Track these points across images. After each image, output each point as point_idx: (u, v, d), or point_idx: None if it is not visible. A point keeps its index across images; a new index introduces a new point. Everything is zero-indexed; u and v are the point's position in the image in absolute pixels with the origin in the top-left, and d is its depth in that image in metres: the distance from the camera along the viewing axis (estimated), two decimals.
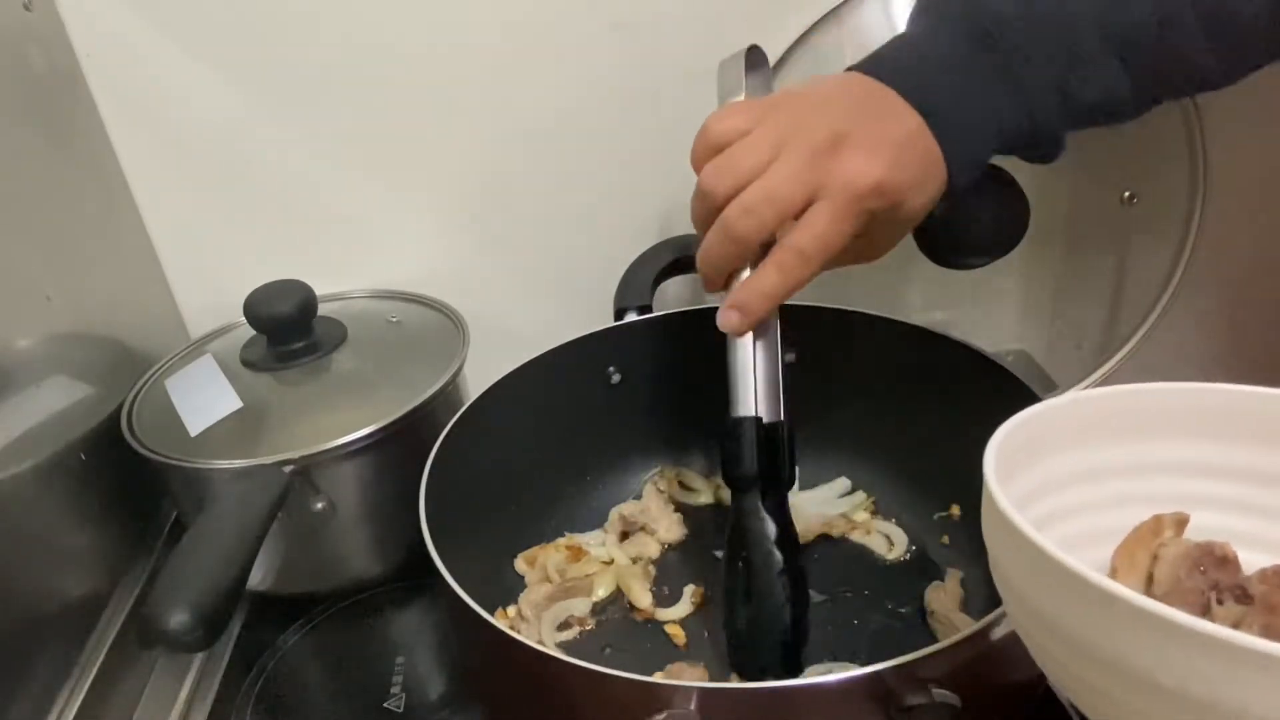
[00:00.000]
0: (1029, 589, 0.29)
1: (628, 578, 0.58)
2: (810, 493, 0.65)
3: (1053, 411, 0.35)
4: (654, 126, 0.72)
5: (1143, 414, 0.36)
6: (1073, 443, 0.35)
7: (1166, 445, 0.36)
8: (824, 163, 0.42)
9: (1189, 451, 0.36)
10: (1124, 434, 0.36)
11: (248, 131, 0.69)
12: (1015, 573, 0.30)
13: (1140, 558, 0.33)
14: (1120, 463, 0.36)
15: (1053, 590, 0.27)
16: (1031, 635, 0.31)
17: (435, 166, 0.72)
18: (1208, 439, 0.35)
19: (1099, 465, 0.36)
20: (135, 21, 0.65)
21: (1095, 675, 0.27)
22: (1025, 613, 0.30)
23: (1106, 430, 0.36)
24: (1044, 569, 0.27)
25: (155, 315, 0.73)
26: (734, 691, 0.38)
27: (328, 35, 0.67)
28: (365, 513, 0.60)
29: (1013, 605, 0.31)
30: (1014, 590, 0.30)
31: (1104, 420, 0.36)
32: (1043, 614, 0.28)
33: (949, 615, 0.53)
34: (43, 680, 0.51)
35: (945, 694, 0.37)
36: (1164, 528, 0.34)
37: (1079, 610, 0.26)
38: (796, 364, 0.64)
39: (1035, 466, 0.34)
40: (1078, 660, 0.28)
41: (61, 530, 0.56)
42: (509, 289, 0.77)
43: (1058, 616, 0.27)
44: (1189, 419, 0.35)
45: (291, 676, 0.59)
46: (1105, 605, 0.25)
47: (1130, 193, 0.72)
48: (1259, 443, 0.35)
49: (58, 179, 0.61)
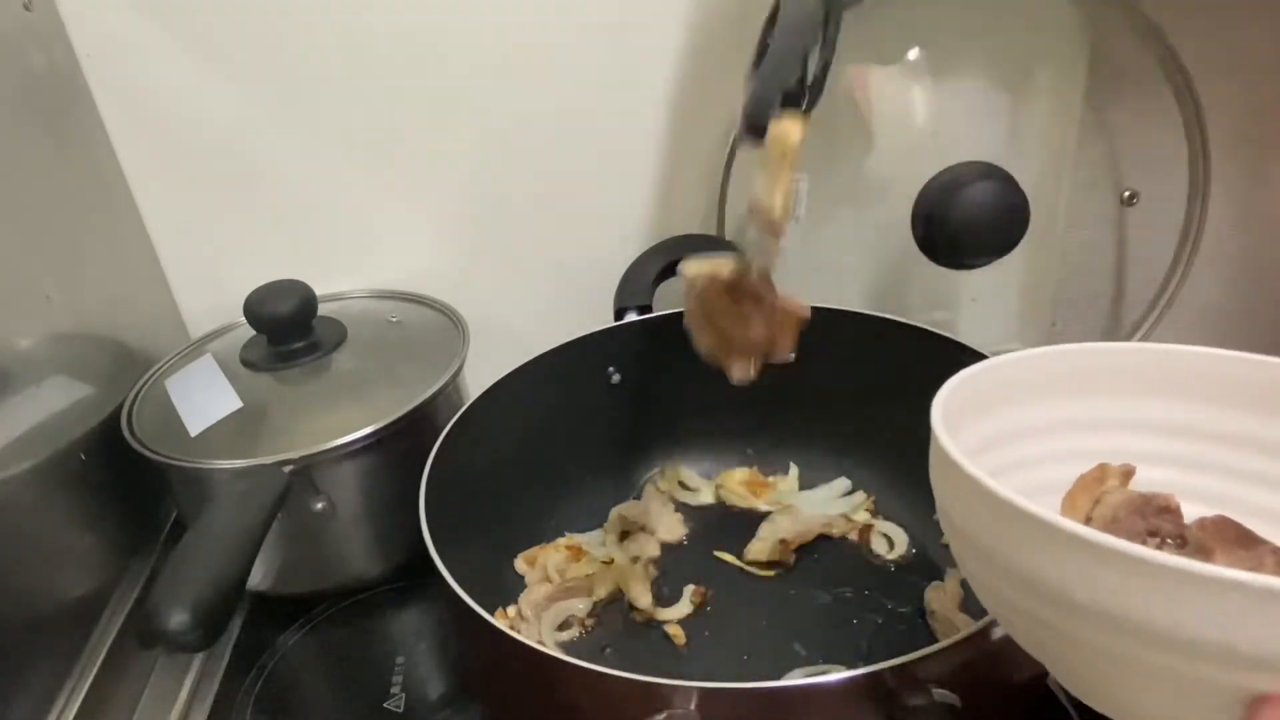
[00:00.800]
0: (970, 524, 0.29)
1: (628, 578, 0.58)
2: (810, 493, 0.65)
3: (1003, 367, 0.36)
4: (654, 127, 0.72)
5: (1093, 372, 0.36)
6: (1023, 398, 0.36)
7: (1117, 402, 0.36)
8: None
9: (1139, 409, 0.36)
10: (1075, 391, 0.36)
11: (248, 131, 0.69)
12: (957, 509, 0.30)
13: (1082, 503, 0.33)
14: (1071, 418, 0.36)
15: (987, 520, 0.28)
16: (973, 572, 0.31)
17: (435, 167, 0.72)
18: (1158, 397, 0.36)
19: (1050, 420, 0.36)
20: (135, 21, 0.65)
21: (1024, 600, 0.28)
22: (967, 548, 0.31)
23: (1057, 386, 0.36)
24: (981, 500, 0.27)
25: (155, 315, 0.73)
26: (734, 691, 0.38)
27: (328, 35, 0.67)
28: (365, 513, 0.60)
29: (956, 543, 0.32)
30: (956, 527, 0.31)
31: (1055, 377, 0.36)
32: (979, 544, 0.29)
33: (949, 615, 0.53)
34: (43, 680, 0.51)
35: (945, 694, 0.37)
36: (1109, 476, 0.34)
37: (1005, 534, 0.27)
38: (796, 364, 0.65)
39: (986, 420, 0.35)
40: (1009, 586, 0.28)
41: (61, 530, 0.56)
42: (509, 289, 0.77)
43: (993, 545, 0.28)
44: (1140, 378, 0.36)
45: (291, 676, 0.59)
46: (1025, 527, 0.26)
47: (1130, 193, 0.72)
48: (1208, 402, 0.35)
49: (58, 179, 0.61)
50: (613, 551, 0.61)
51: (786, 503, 0.64)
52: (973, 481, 0.27)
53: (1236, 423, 0.35)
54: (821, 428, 0.65)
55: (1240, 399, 0.35)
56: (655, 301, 0.66)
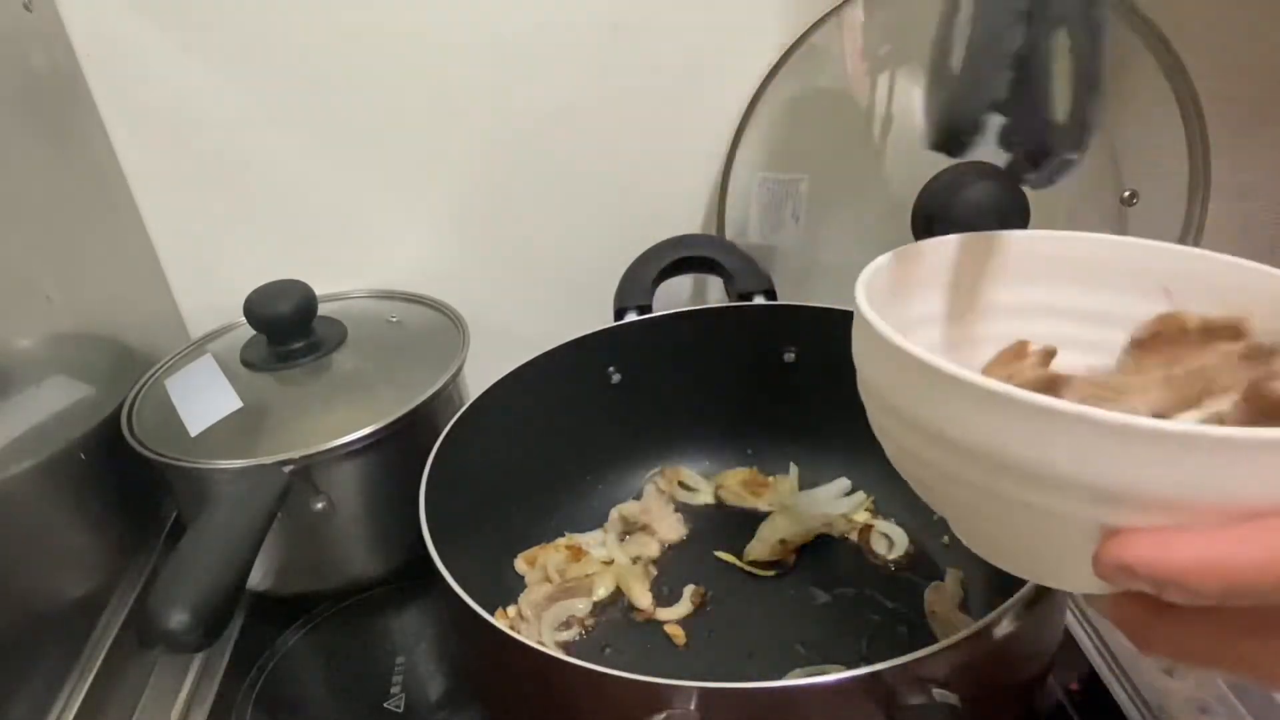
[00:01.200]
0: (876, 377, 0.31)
1: (628, 578, 0.58)
2: (810, 493, 0.65)
3: (928, 249, 0.36)
4: (654, 126, 0.72)
5: (1019, 258, 0.37)
6: (949, 282, 0.37)
7: (1033, 289, 0.37)
8: None
9: (1056, 295, 0.36)
10: (1001, 277, 0.37)
11: (248, 131, 0.69)
12: (867, 365, 0.31)
13: (996, 375, 0.33)
14: (996, 303, 0.37)
15: (887, 369, 0.29)
16: (882, 426, 0.32)
17: (436, 166, 0.72)
18: (1073, 284, 0.36)
19: (976, 305, 0.37)
20: (135, 21, 0.65)
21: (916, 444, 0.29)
22: (875, 402, 0.32)
23: (986, 271, 0.37)
24: (888, 354, 0.28)
25: (155, 315, 0.73)
26: (734, 691, 0.38)
27: (328, 35, 0.67)
28: (365, 513, 0.60)
29: (869, 402, 0.33)
30: (869, 386, 0.32)
31: (983, 261, 0.37)
32: (880, 393, 0.30)
33: (949, 615, 0.53)
34: (43, 680, 0.51)
35: (945, 694, 0.37)
36: (1028, 353, 0.34)
37: (899, 381, 0.29)
38: (796, 364, 0.65)
39: (909, 302, 0.36)
40: (904, 431, 0.30)
41: (61, 530, 0.56)
42: (509, 289, 0.77)
43: (891, 394, 0.30)
44: (1064, 265, 0.36)
45: (291, 676, 0.59)
46: (912, 370, 0.27)
47: (1130, 193, 0.72)
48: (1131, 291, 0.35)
49: (58, 179, 0.61)
50: (613, 551, 0.61)
51: (786, 503, 0.64)
52: (877, 335, 0.29)
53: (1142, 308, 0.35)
54: (821, 428, 0.65)
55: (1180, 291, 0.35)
56: (655, 301, 0.66)
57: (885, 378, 0.30)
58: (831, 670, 0.42)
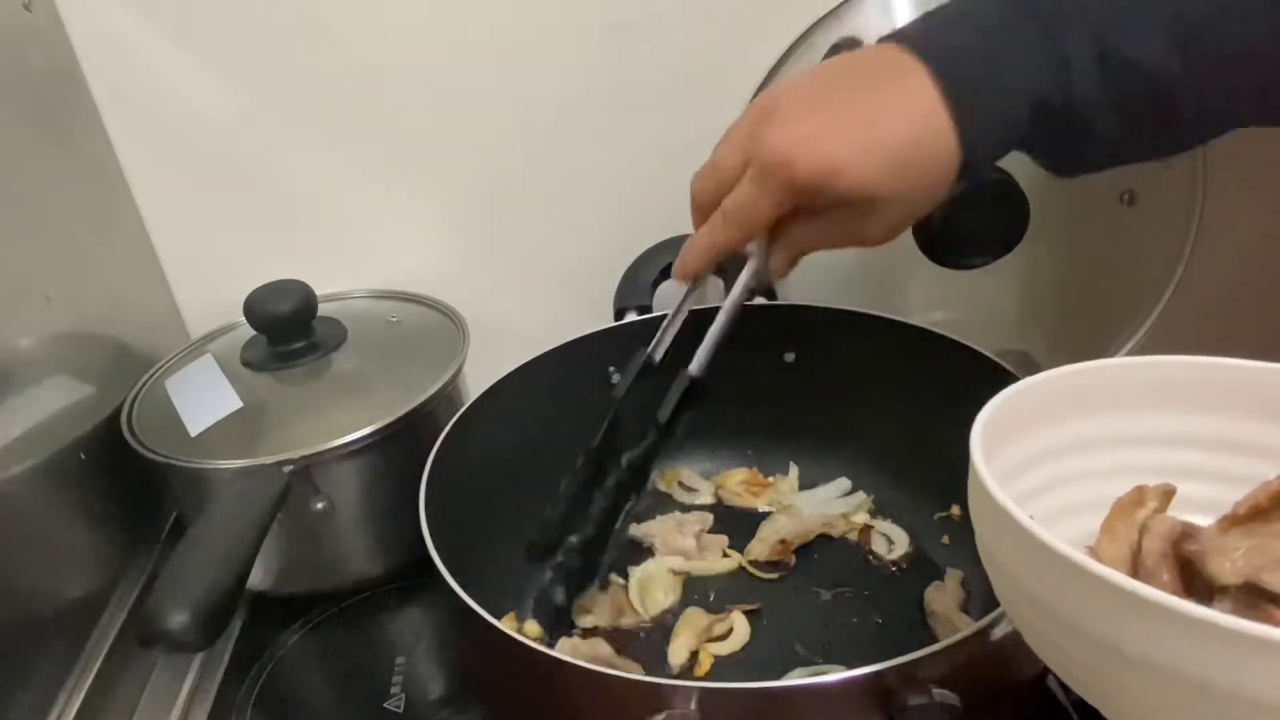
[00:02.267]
0: (1010, 564, 0.29)
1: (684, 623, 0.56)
2: (810, 493, 0.65)
3: (1038, 386, 0.35)
4: (654, 126, 0.72)
5: (1128, 386, 0.36)
6: (1059, 417, 0.36)
7: (1152, 417, 0.36)
8: (756, 132, 0.42)
9: (1175, 423, 0.36)
10: (1110, 406, 0.36)
11: (248, 132, 0.69)
12: (997, 548, 0.30)
13: (1121, 530, 0.33)
14: (1107, 434, 0.36)
15: (1028, 563, 0.27)
16: (1018, 613, 0.31)
17: (436, 166, 0.72)
18: (1193, 411, 0.35)
19: (1085, 437, 0.36)
20: (135, 21, 0.65)
21: (1079, 651, 0.27)
22: (1009, 589, 0.30)
23: (1092, 403, 0.36)
24: (1020, 541, 0.27)
25: (155, 315, 0.73)
26: (734, 691, 0.38)
27: (327, 35, 0.67)
28: (365, 513, 0.60)
29: (998, 581, 0.32)
30: (997, 566, 0.30)
31: (1089, 393, 0.36)
32: (1023, 589, 0.29)
33: (949, 615, 0.53)
34: (43, 680, 0.51)
35: (945, 694, 0.37)
36: (1147, 498, 0.34)
37: (1055, 584, 0.26)
38: (796, 364, 0.65)
39: (1021, 442, 0.35)
40: (1064, 637, 0.28)
41: (61, 530, 0.56)
42: (509, 289, 0.77)
43: (1035, 590, 0.28)
44: (1174, 391, 0.36)
45: (291, 676, 0.59)
46: (1078, 580, 0.25)
47: (1130, 193, 0.72)
48: (1246, 415, 0.35)
49: (58, 179, 0.61)
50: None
51: (786, 503, 0.64)
52: (1017, 526, 0.27)
53: (1273, 435, 0.35)
54: (821, 428, 0.65)
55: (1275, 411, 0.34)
56: (655, 301, 0.66)
57: (1037, 581, 0.27)
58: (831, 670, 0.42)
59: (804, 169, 0.40)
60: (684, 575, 0.59)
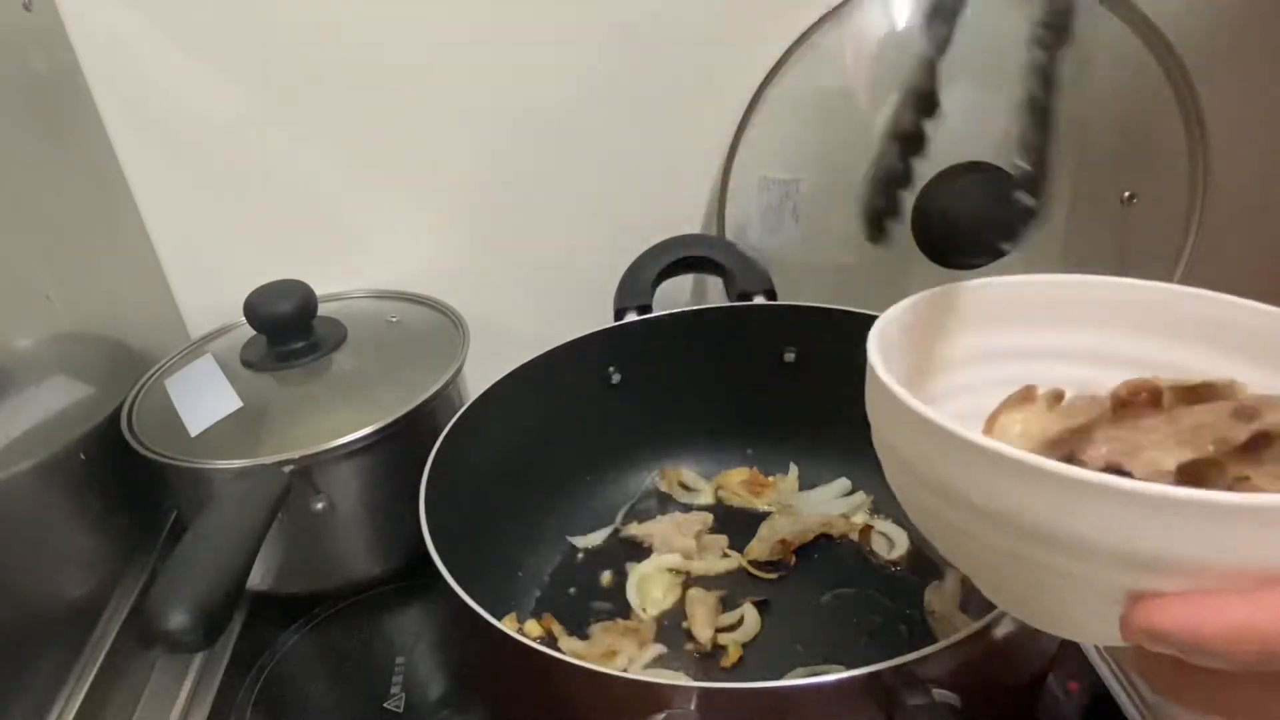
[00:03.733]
0: (892, 437, 0.31)
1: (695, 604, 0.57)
2: (810, 493, 0.65)
3: (936, 298, 0.37)
4: (654, 126, 0.72)
5: (1028, 303, 0.37)
6: (957, 329, 0.37)
7: (1049, 333, 0.37)
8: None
9: (1071, 340, 0.37)
10: (1008, 322, 0.37)
11: (248, 132, 0.69)
12: (885, 428, 0.31)
13: (1005, 423, 0.34)
14: (1003, 348, 0.37)
15: (907, 433, 0.29)
16: (900, 484, 0.32)
17: (436, 166, 0.72)
18: (1092, 328, 0.37)
19: (982, 350, 0.37)
20: (135, 21, 0.65)
21: (938, 506, 0.29)
22: (893, 461, 0.31)
23: (991, 318, 0.37)
24: (900, 414, 0.28)
25: (155, 315, 0.73)
26: (734, 691, 0.38)
27: (327, 35, 0.67)
28: (365, 513, 0.60)
29: (884, 457, 0.33)
30: (884, 442, 0.32)
31: (989, 308, 0.37)
32: (900, 455, 0.30)
33: (949, 615, 0.53)
34: (43, 680, 0.51)
35: (945, 694, 0.37)
36: (1035, 398, 0.34)
37: (922, 446, 0.28)
38: (796, 364, 0.65)
39: (921, 352, 0.36)
40: (926, 494, 0.29)
41: (61, 530, 0.56)
42: (509, 289, 0.77)
43: (910, 455, 0.29)
44: (1073, 309, 0.37)
45: (291, 676, 0.59)
46: (934, 438, 0.27)
47: (1130, 193, 0.72)
48: (1143, 332, 0.36)
49: (58, 179, 0.61)
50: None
51: (786, 503, 0.64)
52: (892, 397, 0.29)
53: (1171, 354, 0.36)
54: (821, 427, 0.65)
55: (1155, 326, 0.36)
56: (655, 301, 0.66)
57: (905, 441, 0.30)
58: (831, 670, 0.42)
59: None
60: (683, 575, 0.59)
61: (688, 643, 0.54)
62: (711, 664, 0.53)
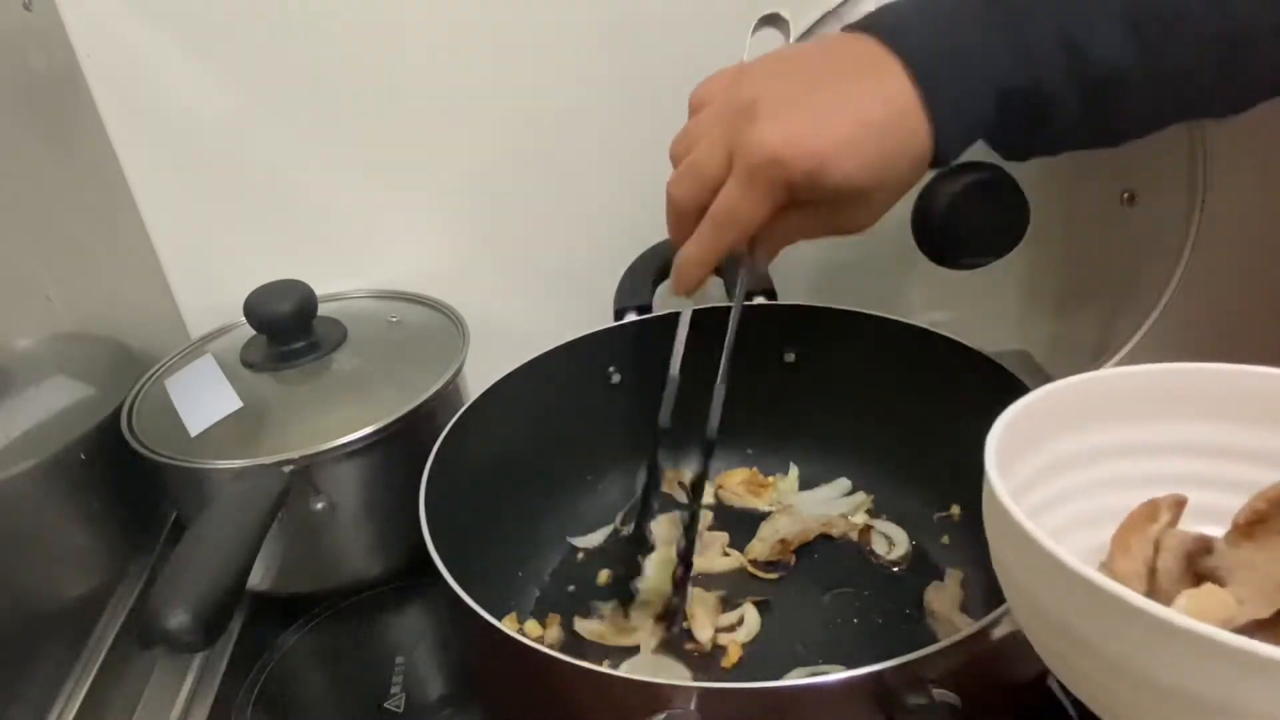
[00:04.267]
0: (1025, 580, 0.29)
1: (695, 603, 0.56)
2: (810, 493, 0.65)
3: (1053, 396, 0.35)
4: (654, 126, 0.72)
5: (1140, 395, 0.36)
6: (1071, 427, 0.35)
7: (1162, 426, 0.36)
8: (738, 128, 0.40)
9: (1186, 432, 0.36)
10: (1121, 416, 0.36)
11: (248, 132, 0.69)
12: (1012, 564, 0.30)
13: (1135, 544, 0.33)
14: (1117, 444, 0.36)
15: (1047, 582, 0.27)
16: (1031, 627, 0.31)
17: (436, 166, 0.72)
18: (1204, 419, 0.35)
19: (1096, 447, 0.36)
20: (135, 21, 0.65)
21: (1094, 670, 0.27)
22: (1024, 604, 0.30)
23: (1103, 413, 0.36)
24: (1038, 561, 0.27)
25: (155, 315, 0.73)
26: (734, 691, 0.38)
27: (328, 36, 0.67)
28: (365, 513, 0.60)
29: (1012, 596, 0.31)
30: (1013, 581, 0.30)
31: (1101, 403, 0.36)
32: (1038, 605, 0.28)
33: (949, 615, 0.53)
34: (43, 680, 0.51)
35: (945, 694, 0.37)
36: (1160, 511, 0.33)
37: (1071, 602, 0.26)
38: (796, 364, 0.65)
39: (1034, 453, 0.34)
40: (1078, 655, 0.28)
41: (61, 530, 0.56)
42: (509, 289, 0.77)
43: (1052, 608, 0.28)
44: (1184, 400, 0.35)
45: (291, 676, 0.59)
46: (1096, 600, 0.25)
47: (1130, 193, 0.73)
48: (1254, 422, 0.35)
49: (58, 179, 0.61)
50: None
51: (786, 503, 0.64)
52: (1032, 542, 0.27)
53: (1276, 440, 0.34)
54: (821, 428, 0.65)
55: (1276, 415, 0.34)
56: (655, 301, 0.66)
57: (1058, 602, 0.27)
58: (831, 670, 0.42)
59: (796, 166, 0.39)
60: None
61: (688, 643, 0.54)
62: (711, 664, 0.53)
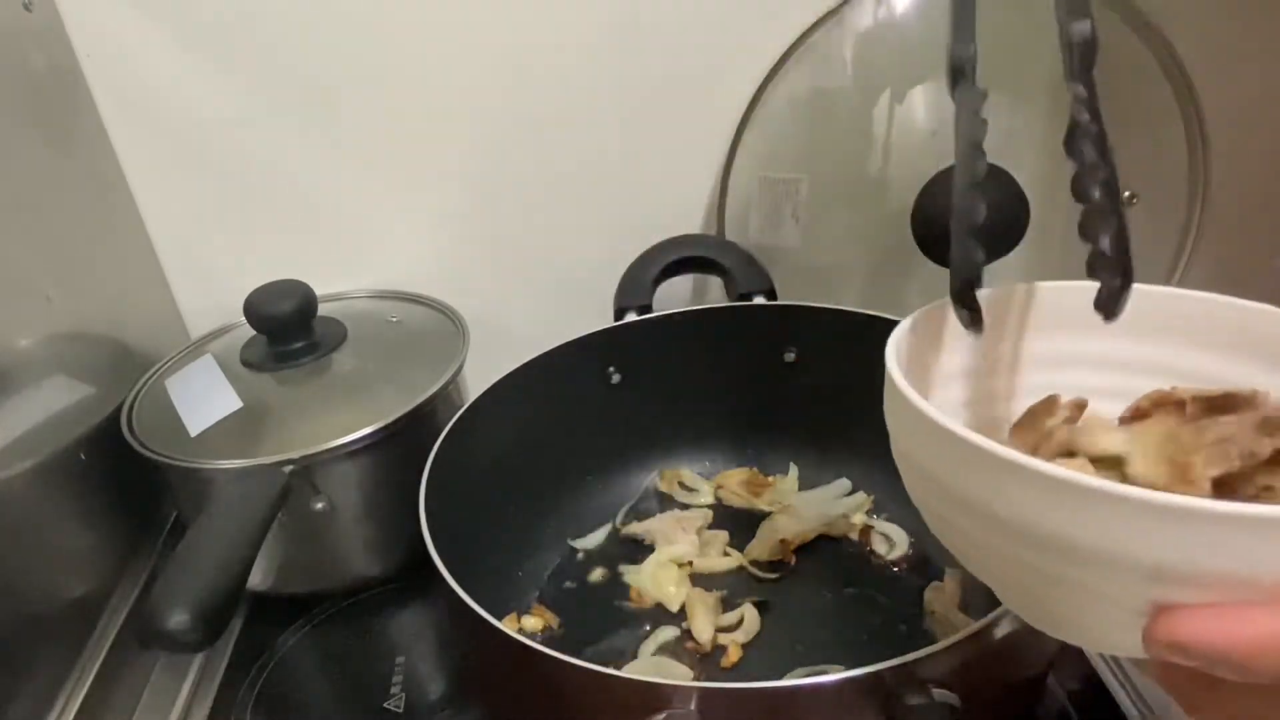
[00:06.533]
0: (914, 449, 0.31)
1: (696, 604, 0.56)
2: (810, 493, 0.65)
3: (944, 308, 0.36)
4: (654, 126, 0.72)
5: (1049, 309, 0.37)
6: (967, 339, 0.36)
7: (1072, 339, 0.37)
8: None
9: (1094, 345, 0.36)
10: (1031, 328, 0.37)
11: (248, 132, 0.69)
12: (904, 439, 0.31)
13: (1028, 435, 0.33)
14: (1031, 354, 0.37)
15: (928, 445, 0.29)
16: (920, 495, 0.32)
17: (436, 166, 0.72)
18: (1112, 335, 0.36)
19: (1009, 357, 0.37)
20: (135, 21, 0.65)
21: (961, 518, 0.29)
22: (913, 472, 0.32)
23: (1014, 325, 0.37)
24: (920, 425, 0.28)
25: (155, 315, 0.73)
26: (734, 691, 0.38)
27: (327, 36, 0.67)
28: (365, 513, 0.60)
29: (907, 472, 0.33)
30: (905, 456, 0.32)
31: (1011, 315, 0.37)
32: (920, 466, 0.30)
33: (949, 615, 0.53)
34: (43, 680, 0.51)
35: (945, 694, 0.37)
36: (1058, 408, 0.34)
37: (940, 456, 0.28)
38: (796, 364, 0.65)
39: (939, 357, 0.36)
40: (946, 506, 0.29)
41: (61, 530, 0.56)
42: (509, 289, 0.77)
43: (926, 463, 0.29)
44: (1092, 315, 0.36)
45: (291, 676, 0.59)
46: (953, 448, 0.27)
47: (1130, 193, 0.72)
48: (1164, 340, 0.36)
49: (58, 179, 0.61)
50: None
51: (786, 503, 0.64)
52: (913, 409, 0.29)
53: (1193, 360, 0.35)
54: (822, 428, 0.65)
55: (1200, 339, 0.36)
56: (655, 301, 0.66)
57: (925, 452, 0.29)
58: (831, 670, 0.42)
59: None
60: (687, 567, 0.59)
61: (688, 642, 0.54)
62: (711, 664, 0.53)
